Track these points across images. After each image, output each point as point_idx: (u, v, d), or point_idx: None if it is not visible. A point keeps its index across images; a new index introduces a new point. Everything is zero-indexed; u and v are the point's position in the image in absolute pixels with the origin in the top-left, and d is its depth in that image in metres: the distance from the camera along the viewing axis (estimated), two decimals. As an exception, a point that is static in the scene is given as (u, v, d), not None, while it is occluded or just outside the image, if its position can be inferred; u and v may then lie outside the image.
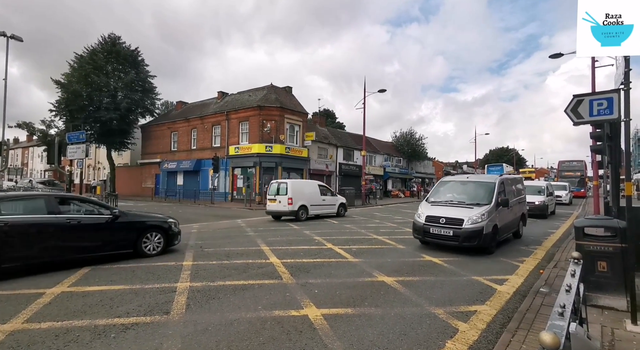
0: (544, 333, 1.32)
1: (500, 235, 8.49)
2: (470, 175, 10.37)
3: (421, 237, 8.31)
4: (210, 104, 33.20)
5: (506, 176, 10.16)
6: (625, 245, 4.26)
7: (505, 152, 74.84)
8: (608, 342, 3.45)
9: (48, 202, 6.42)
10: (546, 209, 16.20)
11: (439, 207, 8.45)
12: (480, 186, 8.95)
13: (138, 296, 4.95)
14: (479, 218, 7.62)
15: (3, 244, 5.68)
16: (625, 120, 4.69)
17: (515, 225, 9.80)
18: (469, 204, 8.21)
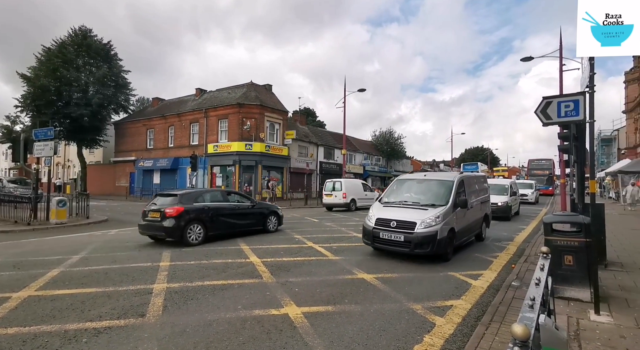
0: (515, 325, 1.37)
1: (459, 240, 7.64)
2: (428, 173, 9.51)
3: (370, 243, 7.32)
4: (188, 101, 32.43)
5: (467, 174, 9.44)
6: (589, 240, 4.50)
7: (480, 151, 77.33)
8: (574, 331, 3.64)
9: (222, 195, 10.31)
10: (509, 210, 14.75)
11: (392, 209, 7.53)
12: (437, 185, 8.10)
13: (111, 299, 4.78)
14: (433, 221, 6.75)
15: (209, 220, 9.09)
16: (589, 122, 4.94)
17: (477, 227, 8.99)
18: (424, 205, 7.32)
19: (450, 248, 7.19)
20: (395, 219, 7.02)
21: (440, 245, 6.71)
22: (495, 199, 13.62)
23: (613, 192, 26.05)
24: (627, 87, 36.63)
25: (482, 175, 11.02)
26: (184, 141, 29.81)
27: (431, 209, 7.12)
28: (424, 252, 6.65)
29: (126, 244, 8.84)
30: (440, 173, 9.80)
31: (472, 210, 8.41)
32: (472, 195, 8.63)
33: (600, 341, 3.42)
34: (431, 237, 6.61)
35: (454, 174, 8.87)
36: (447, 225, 6.95)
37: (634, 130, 33.76)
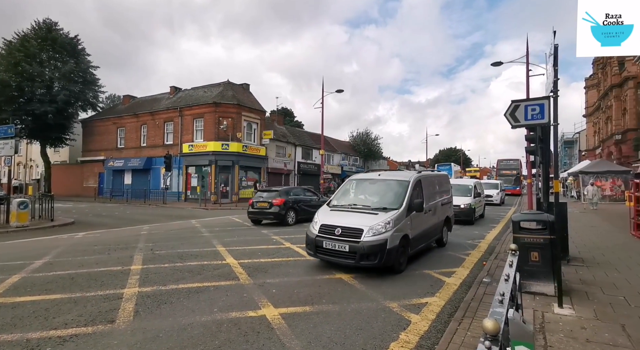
0: (486, 320, 1.43)
1: (415, 247, 6.87)
2: (383, 172, 8.24)
3: (313, 253, 6.37)
4: (162, 99, 31.45)
5: (426, 173, 8.43)
6: (553, 237, 4.75)
7: (453, 152, 79.79)
8: (539, 324, 3.83)
9: (302, 191, 14.55)
10: (472, 213, 13.41)
11: (340, 214, 6.70)
12: (391, 186, 7.24)
13: (78, 305, 4.56)
14: (383, 227, 5.90)
15: (298, 208, 13.22)
16: (553, 125, 5.21)
17: (437, 231, 8.19)
18: (375, 209, 6.46)
19: (404, 258, 6.37)
20: (340, 226, 6.13)
21: (391, 255, 5.86)
22: (458, 201, 12.45)
23: (575, 191, 27.58)
24: (587, 93, 39.00)
25: (444, 175, 9.94)
26: (157, 140, 28.88)
27: (382, 214, 6.25)
28: (371, 264, 5.76)
29: (94, 248, 8.46)
30: (396, 172, 8.75)
31: (431, 214, 7.65)
32: (432, 197, 7.89)
33: (563, 333, 3.61)
34: (379, 247, 5.73)
35: (410, 173, 7.82)
36: (400, 231, 6.15)
37: (593, 133, 35.97)
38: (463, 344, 3.37)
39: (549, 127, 5.88)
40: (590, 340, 3.43)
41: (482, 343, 1.36)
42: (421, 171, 8.41)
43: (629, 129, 24.17)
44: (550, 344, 3.37)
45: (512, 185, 35.90)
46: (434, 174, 9.22)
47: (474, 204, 13.71)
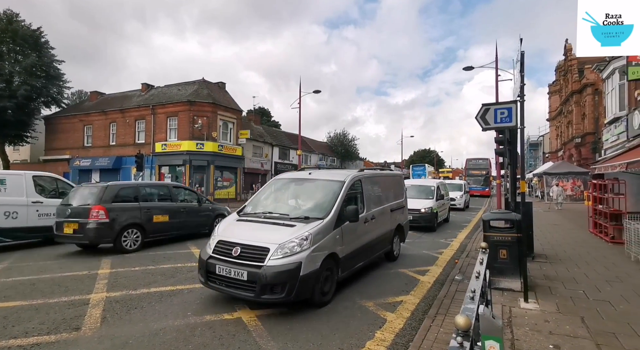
0: (458, 316, 1.47)
1: (349, 268, 5.29)
2: (316, 171, 6.80)
3: (204, 280, 4.63)
4: (133, 96, 30.27)
5: (370, 172, 6.86)
6: (520, 235, 4.98)
7: (427, 153, 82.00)
8: (507, 319, 4.00)
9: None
10: (434, 218, 11.67)
11: (247, 225, 5.08)
12: (319, 189, 5.73)
13: (40, 312, 4.30)
14: (298, 245, 4.36)
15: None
16: (520, 128, 5.47)
17: (385, 243, 6.75)
18: (294, 219, 4.90)
19: (330, 285, 4.79)
20: (240, 243, 4.52)
21: (306, 284, 4.29)
22: (417, 204, 11.38)
23: (539, 191, 29.05)
24: (551, 98, 41.20)
25: (395, 175, 8.26)
26: (128, 139, 27.77)
27: (300, 225, 4.70)
28: (276, 298, 4.16)
29: (58, 251, 8.01)
30: (334, 171, 7.22)
31: (375, 223, 6.17)
32: (377, 202, 6.49)
33: (528, 326, 3.80)
34: (289, 273, 4.15)
35: (348, 172, 6.22)
36: (323, 250, 4.57)
37: (556, 136, 38.04)
38: (436, 340, 3.47)
39: (516, 130, 6.16)
40: (553, 333, 3.62)
41: (454, 339, 1.40)
42: (364, 169, 6.74)
43: (587, 132, 25.76)
44: (517, 337, 3.53)
45: (480, 186, 33.95)
46: (382, 173, 7.57)
47: (436, 207, 11.95)
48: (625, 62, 9.86)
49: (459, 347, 1.36)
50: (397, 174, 8.56)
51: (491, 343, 1.61)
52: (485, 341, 1.62)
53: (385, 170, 8.43)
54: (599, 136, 21.25)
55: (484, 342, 1.62)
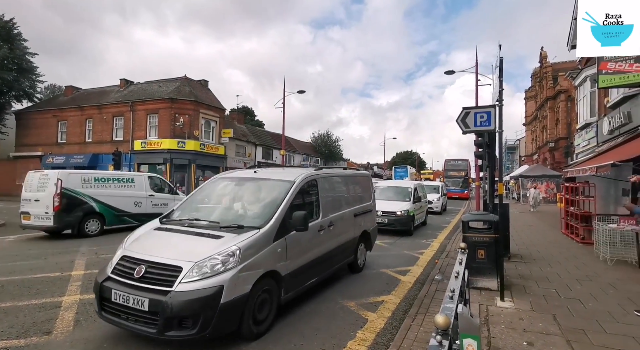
0: (437, 316, 1.50)
1: (297, 287, 4.41)
2: (266, 170, 5.95)
3: (98, 310, 3.56)
4: (110, 92, 29.32)
5: (328, 172, 5.92)
6: (497, 236, 5.13)
7: (409, 155, 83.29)
8: (484, 317, 4.12)
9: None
10: (411, 221, 11.03)
11: (165, 235, 4.10)
12: (263, 190, 4.89)
13: (9, 316, 4.11)
14: (220, 263, 3.43)
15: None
16: (499, 131, 5.64)
17: (347, 253, 5.85)
18: (225, 228, 3.96)
19: (268, 311, 3.85)
20: (147, 260, 3.53)
21: (228, 315, 3.35)
22: (393, 207, 10.91)
23: (515, 193, 30.04)
24: (527, 103, 42.72)
25: (362, 174, 7.53)
26: (105, 136, 26.88)
27: (230, 236, 3.74)
28: (186, 335, 3.20)
29: (29, 252, 7.66)
30: (286, 170, 6.56)
31: (334, 230, 5.27)
32: (336, 206, 5.60)
33: (504, 324, 3.92)
34: (204, 302, 3.20)
35: (301, 171, 5.36)
36: (256, 268, 3.64)
37: (531, 140, 39.47)
38: (417, 339, 3.53)
39: (495, 133, 6.36)
40: (526, 330, 3.75)
41: (434, 338, 1.43)
42: (322, 168, 5.91)
43: (560, 137, 26.87)
44: (493, 335, 3.63)
45: (459, 188, 32.75)
46: (345, 172, 6.78)
47: (412, 210, 11.30)
48: (596, 71, 10.34)
49: (439, 346, 1.39)
50: (364, 174, 7.67)
51: (469, 341, 1.66)
52: (464, 339, 1.66)
53: (349, 170, 7.56)
54: (571, 141, 22.20)
55: (462, 341, 1.67)
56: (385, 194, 12.17)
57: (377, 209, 10.14)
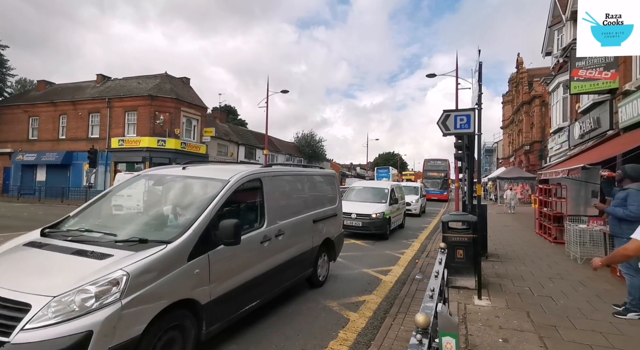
0: (418, 315, 1.53)
1: (229, 315, 3.50)
2: (194, 167, 4.49)
3: None
4: (86, 88, 28.28)
5: (278, 169, 4.89)
6: (475, 236, 5.28)
7: (391, 156, 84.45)
8: (462, 315, 4.22)
9: None
10: (387, 224, 10.32)
11: (29, 256, 3.02)
12: (186, 192, 4.06)
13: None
14: (93, 298, 2.40)
15: None
16: (477, 134, 5.80)
17: (304, 266, 4.98)
18: (121, 242, 3.02)
19: None
20: None
21: None
22: (368, 209, 10.25)
23: (493, 194, 30.97)
24: (504, 107, 44.13)
25: (325, 173, 6.51)
26: (80, 133, 25.90)
27: (122, 255, 2.80)
28: None
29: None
30: (221, 166, 5.41)
31: (284, 240, 4.38)
32: (290, 210, 4.71)
33: (481, 322, 4.03)
34: None
35: (242, 168, 4.34)
36: (155, 299, 2.71)
37: (508, 143, 40.79)
38: (397, 338, 3.58)
39: (474, 136, 6.53)
40: (502, 327, 3.87)
41: (414, 336, 1.46)
42: (272, 165, 5.06)
43: (535, 140, 27.92)
44: (471, 332, 3.73)
45: (438, 189, 31.52)
46: (301, 171, 5.78)
47: (389, 212, 10.60)
48: (569, 77, 10.80)
49: (418, 344, 1.41)
50: (328, 173, 6.61)
51: (448, 339, 1.69)
52: (443, 337, 1.70)
53: (309, 168, 6.81)
54: (545, 144, 23.08)
55: (441, 339, 1.70)
56: (360, 196, 11.83)
57: (351, 212, 10.02)
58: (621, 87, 9.17)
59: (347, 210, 9.47)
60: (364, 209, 10.25)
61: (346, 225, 9.03)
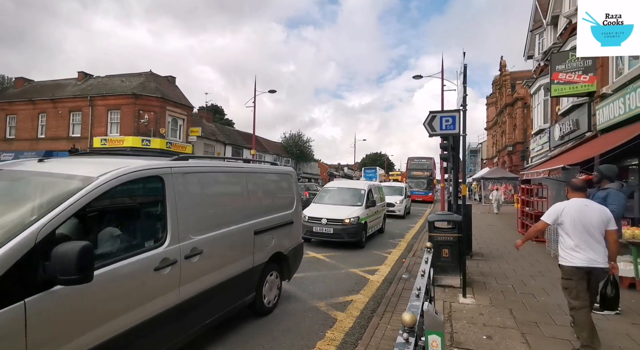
0: (404, 314, 1.55)
1: None
2: (57, 160, 3.31)
3: None
4: (67, 86, 27.48)
5: (192, 163, 3.57)
6: (460, 235, 5.37)
7: (378, 156, 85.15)
8: (447, 313, 4.29)
9: None
10: (362, 230, 9.00)
11: None
12: (19, 197, 2.60)
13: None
14: None
15: None
16: (462, 135, 5.90)
17: (236, 294, 3.78)
18: None
19: None
20: None
21: None
22: (340, 214, 8.91)
23: (477, 194, 31.57)
24: (488, 109, 45.08)
25: (275, 171, 5.19)
26: (60, 132, 25.16)
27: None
28: None
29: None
30: (103, 159, 3.43)
31: (204, 262, 3.22)
32: (214, 220, 3.52)
33: (465, 319, 4.11)
34: None
35: (130, 162, 2.86)
36: None
37: (492, 144, 41.68)
38: (384, 337, 3.61)
39: (459, 136, 6.64)
40: (486, 325, 3.96)
41: (400, 335, 1.48)
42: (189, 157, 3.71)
43: (518, 141, 28.62)
44: (456, 330, 3.80)
45: (423, 190, 29.62)
46: (239, 167, 4.47)
47: (365, 216, 9.30)
48: (549, 80, 11.12)
49: (405, 343, 1.43)
50: (283, 170, 5.37)
51: (434, 337, 1.72)
52: (429, 336, 1.73)
53: (251, 163, 5.62)
54: (527, 145, 23.69)
55: (427, 337, 1.73)
56: (333, 198, 10.36)
57: (321, 216, 8.87)
58: (599, 90, 9.49)
59: (317, 215, 8.99)
60: (335, 214, 8.95)
61: (315, 232, 8.75)
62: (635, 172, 8.29)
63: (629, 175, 8.65)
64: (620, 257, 5.08)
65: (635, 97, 7.19)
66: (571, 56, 10.27)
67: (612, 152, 6.69)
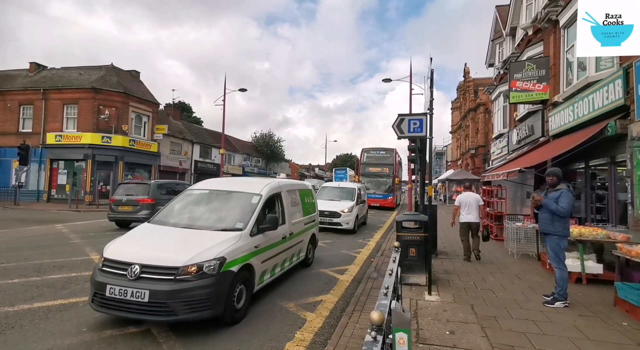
0: (373, 312, 1.57)
1: None
2: None
3: None
4: (17, 77, 25.41)
5: None
6: (427, 235, 5.56)
7: (349, 157, 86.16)
8: (413, 311, 4.43)
9: None
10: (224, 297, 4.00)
11: None
12: None
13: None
14: None
15: None
16: (429, 138, 6.11)
17: None
18: None
19: None
20: None
21: None
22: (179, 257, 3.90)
23: (442, 195, 32.84)
24: (453, 113, 47.07)
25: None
26: (8, 127, 23.21)
27: None
28: None
29: None
30: None
31: None
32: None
33: (430, 316, 4.25)
34: None
35: None
36: None
37: (457, 147, 43.54)
38: (353, 336, 3.65)
39: (426, 139, 6.88)
40: (449, 320, 4.12)
41: (369, 333, 1.50)
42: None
43: (480, 145, 30.10)
44: (421, 326, 3.92)
45: (382, 193, 22.22)
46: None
47: (241, 257, 4.23)
48: (508, 88, 11.80)
49: (373, 341, 1.45)
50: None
51: (401, 334, 1.76)
52: (396, 333, 1.77)
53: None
54: (488, 149, 24.95)
55: (395, 334, 1.77)
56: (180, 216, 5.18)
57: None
58: (551, 98, 10.20)
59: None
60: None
61: None
62: (582, 175, 9.00)
63: (577, 178, 9.37)
64: (569, 254, 5.50)
65: (582, 106, 7.80)
66: (527, 66, 10.96)
67: (562, 157, 7.21)
